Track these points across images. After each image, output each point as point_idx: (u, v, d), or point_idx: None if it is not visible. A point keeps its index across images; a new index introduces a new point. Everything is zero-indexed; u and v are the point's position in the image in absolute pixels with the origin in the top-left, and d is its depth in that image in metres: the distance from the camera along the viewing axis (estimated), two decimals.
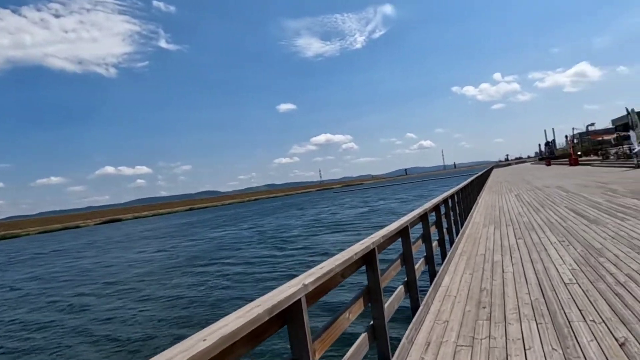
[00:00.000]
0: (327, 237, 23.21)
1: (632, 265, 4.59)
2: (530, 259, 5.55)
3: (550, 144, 67.64)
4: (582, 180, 18.40)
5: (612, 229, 6.78)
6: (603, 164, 29.94)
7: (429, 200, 6.33)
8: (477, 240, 7.59)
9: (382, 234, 3.04)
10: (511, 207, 12.23)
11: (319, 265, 2.16)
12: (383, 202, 50.48)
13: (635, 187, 12.59)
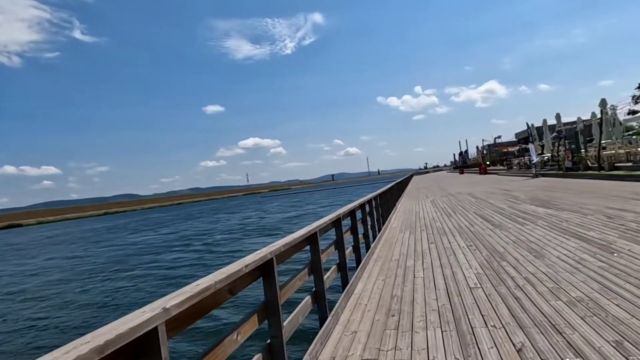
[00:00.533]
0: (253, 241, 22.62)
1: (529, 269, 4.82)
2: (440, 264, 5.66)
3: (464, 154, 72.93)
4: (489, 188, 19.85)
5: (514, 233, 7.21)
6: (508, 173, 32.78)
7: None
8: (392, 245, 7.67)
9: (284, 242, 2.78)
10: (427, 212, 12.72)
11: (195, 282, 1.83)
12: (311, 207, 50.77)
13: (534, 194, 13.78)
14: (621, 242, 5.52)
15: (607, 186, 13.42)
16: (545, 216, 8.64)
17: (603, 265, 4.56)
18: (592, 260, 4.83)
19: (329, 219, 4.29)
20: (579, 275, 4.30)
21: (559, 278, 4.30)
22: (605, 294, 3.67)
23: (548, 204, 10.51)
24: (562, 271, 4.53)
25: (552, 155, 25.71)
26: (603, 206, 8.94)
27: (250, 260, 2.24)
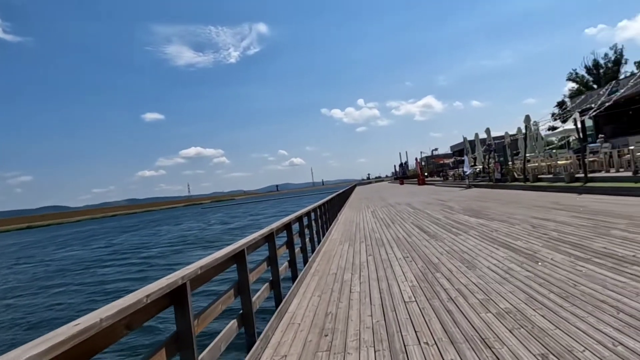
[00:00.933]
0: (194, 253, 21.61)
1: (461, 280, 4.87)
2: (377, 277, 5.59)
3: (404, 165, 75.57)
4: (427, 198, 20.55)
5: (448, 243, 7.37)
6: (444, 184, 34.30)
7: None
8: (331, 258, 7.55)
9: (201, 264, 2.50)
10: (367, 223, 12.82)
11: (75, 321, 1.51)
12: (255, 218, 49.84)
13: (467, 204, 14.39)
14: (545, 251, 5.78)
15: (532, 196, 14.33)
16: (477, 226, 8.97)
17: (529, 274, 4.71)
18: (519, 269, 4.98)
19: (259, 235, 4.04)
20: (507, 286, 4.39)
21: (489, 289, 4.36)
22: (531, 304, 3.75)
23: (480, 214, 10.97)
24: (492, 282, 4.62)
25: (484, 167, 27.24)
26: (528, 216, 9.45)
27: (155, 288, 1.95)
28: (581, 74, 49.98)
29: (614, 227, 6.85)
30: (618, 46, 47.58)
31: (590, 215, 8.28)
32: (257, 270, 3.96)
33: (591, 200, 10.76)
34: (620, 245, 5.49)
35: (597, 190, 12.30)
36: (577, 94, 42.91)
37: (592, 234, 6.52)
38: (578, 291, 3.93)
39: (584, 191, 12.93)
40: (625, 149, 14.22)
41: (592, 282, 4.14)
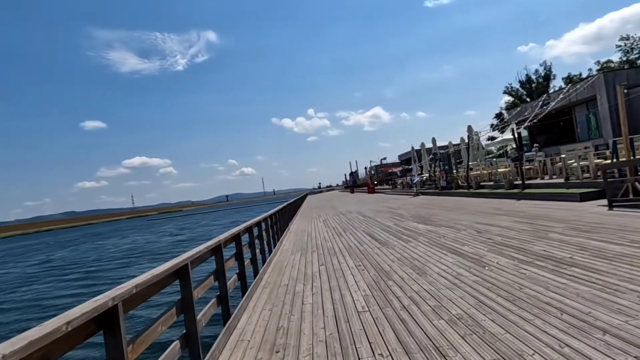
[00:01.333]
0: (141, 267, 20.41)
1: (413, 287, 4.88)
2: (330, 287, 5.48)
3: (354, 174, 76.74)
4: (377, 206, 20.87)
5: (399, 250, 7.43)
6: (393, 192, 35.13)
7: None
8: (283, 268, 7.35)
9: (136, 282, 2.25)
10: (319, 232, 12.73)
11: None
12: (204, 229, 48.28)
13: (416, 212, 14.75)
14: (490, 255, 5.95)
15: (475, 203, 14.95)
16: (426, 232, 9.15)
17: (477, 279, 4.80)
18: (468, 274, 5.07)
19: (205, 247, 3.79)
20: (457, 291, 4.43)
21: (440, 295, 4.39)
22: (481, 309, 3.79)
23: (428, 221, 11.25)
24: (442, 288, 4.65)
25: (430, 175, 28.23)
26: (473, 221, 9.80)
27: (78, 313, 1.69)
28: (516, 88, 53.53)
29: (552, 230, 7.23)
30: (547, 63, 51.56)
31: (530, 220, 8.71)
32: (203, 285, 3.71)
33: (529, 206, 11.37)
34: (558, 248, 5.77)
35: (534, 196, 13.05)
36: (513, 106, 45.86)
37: (532, 237, 6.83)
38: (524, 294, 4.03)
39: (522, 197, 13.68)
40: (557, 157, 15.25)
41: (536, 284, 4.28)
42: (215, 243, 4.12)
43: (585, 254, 5.26)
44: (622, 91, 9.64)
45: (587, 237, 6.22)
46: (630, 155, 9.87)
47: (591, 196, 10.75)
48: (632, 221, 7.11)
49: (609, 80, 16.20)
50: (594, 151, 12.47)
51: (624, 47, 40.73)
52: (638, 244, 5.36)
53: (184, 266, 3.08)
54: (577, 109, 19.24)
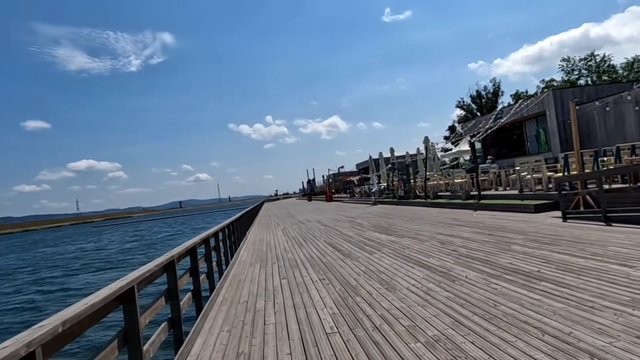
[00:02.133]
0: (77, 279, 18.91)
1: (383, 304, 4.60)
2: (294, 304, 5.10)
3: (312, 182, 76.62)
4: (335, 215, 20.69)
5: (364, 262, 7.17)
6: (351, 201, 35.23)
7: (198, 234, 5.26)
8: (241, 283, 6.87)
9: (64, 318, 1.77)
10: (278, 242, 12.29)
11: None
12: (151, 236, 46.10)
13: (375, 221, 14.66)
14: (458, 268, 5.82)
15: (433, 213, 15.11)
16: (389, 243, 8.98)
17: (449, 295, 4.60)
18: (438, 289, 4.87)
19: (155, 265, 3.31)
20: (430, 309, 4.20)
21: (413, 313, 4.13)
22: (458, 329, 3.56)
23: (389, 231, 11.13)
24: (414, 305, 4.41)
25: (388, 184, 28.52)
26: (435, 232, 9.77)
27: None
28: (467, 102, 55.78)
29: (513, 242, 7.26)
30: (496, 80, 54.20)
31: (490, 231, 8.77)
32: (153, 308, 3.22)
33: (487, 217, 11.56)
34: (524, 261, 5.73)
35: (490, 207, 13.34)
36: (465, 119, 47.73)
37: (496, 249, 6.80)
38: (500, 312, 3.86)
39: (478, 208, 13.95)
40: (511, 169, 15.76)
41: (510, 301, 4.13)
42: (167, 259, 3.63)
43: (551, 267, 5.23)
44: (574, 107, 10.03)
45: (549, 250, 6.25)
46: (581, 169, 10.25)
47: (544, 208, 11.08)
48: (587, 233, 7.27)
49: (557, 97, 17.07)
50: (546, 164, 12.94)
51: (565, 67, 43.59)
52: (600, 257, 5.41)
53: (129, 290, 2.61)
54: (527, 123, 20.15)
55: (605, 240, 6.46)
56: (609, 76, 39.49)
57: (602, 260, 5.27)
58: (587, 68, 42.06)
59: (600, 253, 5.66)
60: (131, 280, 2.64)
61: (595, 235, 6.96)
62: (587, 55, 42.60)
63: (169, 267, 3.74)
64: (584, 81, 41.59)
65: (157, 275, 3.45)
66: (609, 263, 5.08)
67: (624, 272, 4.60)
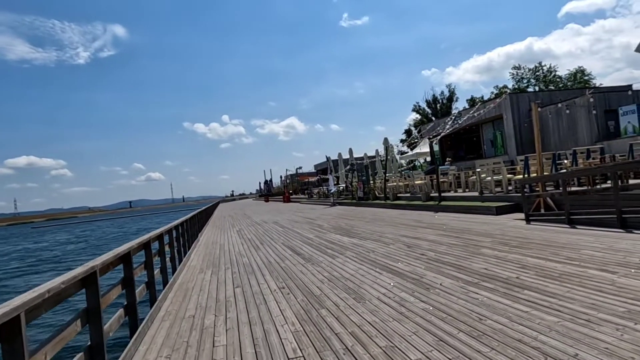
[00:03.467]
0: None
1: (353, 318, 4.01)
2: (249, 319, 4.39)
3: (269, 183, 75.37)
4: (294, 216, 20.02)
5: (327, 268, 6.57)
6: (309, 202, 34.67)
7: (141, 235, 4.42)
8: (189, 292, 6.05)
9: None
10: (232, 244, 11.46)
11: None
12: (96, 237, 43.28)
13: (335, 222, 14.14)
14: (430, 274, 5.35)
15: (394, 214, 14.82)
16: (351, 246, 8.45)
17: (426, 307, 4.08)
18: (413, 300, 4.35)
19: (72, 276, 2.51)
20: (407, 324, 3.65)
21: (388, 330, 3.56)
22: (445, 351, 3.03)
23: (351, 233, 10.63)
24: (388, 319, 3.85)
25: (347, 185, 28.22)
26: (398, 234, 9.36)
27: None
28: (423, 107, 56.98)
29: (482, 245, 6.94)
30: (451, 86, 55.80)
31: (455, 234, 8.45)
32: (61, 337, 2.41)
33: (449, 219, 11.34)
34: (498, 266, 5.36)
35: (451, 209, 13.21)
36: (420, 123, 48.62)
37: (466, 253, 6.42)
38: (487, 327, 3.37)
39: (439, 209, 13.80)
40: (470, 171, 15.79)
41: (496, 313, 3.66)
42: (85, 271, 2.82)
43: (530, 273, 4.86)
44: (536, 108, 10.00)
45: (520, 254, 5.94)
46: (542, 171, 10.24)
47: (506, 210, 11.02)
48: (555, 236, 7.08)
49: (514, 101, 17.42)
50: (505, 166, 12.98)
51: (516, 76, 45.51)
52: (576, 262, 5.13)
53: (13, 320, 1.82)
54: (484, 126, 20.49)
55: (576, 244, 6.25)
56: (555, 86, 41.61)
57: (580, 265, 4.97)
58: (536, 77, 44.13)
59: (575, 257, 5.39)
60: (15, 306, 1.86)
61: (564, 238, 6.76)
62: (535, 65, 44.75)
63: (89, 281, 2.93)
64: (532, 89, 43.59)
65: (72, 291, 2.64)
66: (588, 268, 4.78)
67: (608, 279, 4.29)
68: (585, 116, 14.95)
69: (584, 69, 42.30)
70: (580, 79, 41.70)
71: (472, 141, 23.28)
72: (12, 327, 1.85)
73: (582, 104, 14.94)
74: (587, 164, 10.55)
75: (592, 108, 14.15)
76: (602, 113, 14.83)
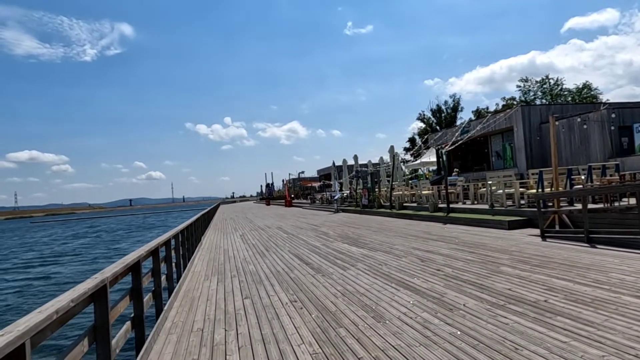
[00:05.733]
0: None
1: (374, 340, 3.74)
2: (262, 337, 4.12)
3: (270, 186, 75.17)
4: (297, 222, 19.75)
5: (338, 281, 6.30)
6: (311, 207, 34.40)
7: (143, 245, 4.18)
8: (195, 301, 5.79)
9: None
10: (237, 250, 11.19)
11: None
12: (98, 235, 43.03)
13: (341, 230, 13.87)
14: (451, 293, 5.08)
15: (400, 224, 14.54)
16: (362, 258, 8.18)
17: (452, 330, 3.82)
18: (437, 322, 4.09)
19: (79, 294, 2.26)
20: (436, 351, 3.39)
21: (416, 357, 3.29)
22: None
23: (358, 243, 10.36)
24: (414, 343, 3.58)
25: (351, 192, 27.96)
26: (409, 247, 9.09)
27: None
28: (427, 116, 56.82)
29: (500, 262, 6.67)
30: (456, 96, 55.67)
31: (470, 248, 8.19)
32: (75, 352, 2.16)
33: (459, 231, 11.06)
34: (523, 287, 5.10)
35: (460, 221, 12.93)
36: (425, 132, 48.45)
37: (485, 270, 6.16)
38: (525, 359, 3.11)
39: (447, 221, 13.53)
40: (480, 183, 15.53)
41: (532, 342, 3.39)
42: (93, 287, 2.57)
43: (558, 296, 4.60)
44: (554, 122, 9.75)
45: (545, 274, 5.67)
46: (558, 186, 9.98)
47: (518, 224, 10.74)
48: (576, 255, 6.81)
49: (525, 113, 17.18)
50: (518, 180, 12.72)
51: (523, 87, 45.33)
52: (607, 286, 4.86)
53: (17, 350, 1.57)
54: (493, 138, 20.23)
55: (602, 265, 5.98)
56: (563, 100, 41.40)
57: (611, 290, 4.71)
58: (542, 90, 43.95)
59: (603, 280, 5.13)
60: (23, 331, 1.61)
61: (587, 259, 6.49)
62: (542, 78, 44.58)
63: (98, 296, 2.67)
64: (538, 102, 43.41)
65: (78, 309, 2.39)
66: (622, 294, 4.51)
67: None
68: (599, 131, 14.72)
69: (590, 83, 42.18)
70: (586, 94, 41.52)
71: (479, 152, 23.02)
72: (16, 356, 1.60)
73: (596, 119, 14.71)
74: (605, 181, 10.29)
75: (611, 124, 13.91)
76: (615, 129, 14.59)
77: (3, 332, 1.60)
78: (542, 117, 16.89)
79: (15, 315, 11.64)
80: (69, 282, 16.74)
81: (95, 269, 17.56)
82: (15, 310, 13.13)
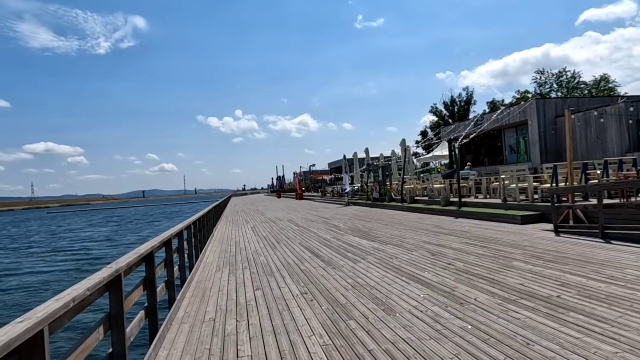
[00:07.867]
0: None
1: (384, 333, 3.75)
2: (273, 327, 4.17)
3: (281, 179, 75.38)
4: (308, 214, 19.80)
5: (349, 274, 6.31)
6: (322, 200, 34.42)
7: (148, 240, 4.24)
8: (206, 292, 5.86)
9: None
10: (248, 241, 11.28)
11: None
12: (105, 227, 43.74)
13: (352, 223, 13.87)
14: (462, 287, 5.06)
15: (411, 218, 14.48)
16: (372, 251, 8.18)
17: (463, 324, 3.81)
18: (448, 316, 4.08)
19: (95, 283, 2.31)
20: (447, 345, 3.38)
21: (427, 351, 3.30)
22: None
23: (369, 236, 10.36)
24: (424, 337, 3.59)
25: (362, 185, 27.90)
26: (420, 240, 9.06)
27: None
28: (440, 109, 56.21)
29: (512, 257, 6.61)
30: (469, 89, 54.95)
31: (481, 243, 8.12)
32: (83, 347, 2.21)
33: (471, 225, 10.99)
34: (535, 282, 5.05)
35: (472, 215, 12.82)
36: (437, 125, 47.98)
37: (497, 265, 6.11)
38: (537, 354, 3.09)
39: (459, 215, 13.42)
40: (493, 177, 15.37)
41: (544, 338, 3.37)
42: (108, 276, 2.62)
43: (571, 292, 4.55)
44: (569, 116, 9.57)
45: (557, 269, 5.61)
46: (572, 180, 9.82)
47: (531, 219, 10.62)
48: (590, 251, 6.72)
49: (540, 106, 16.88)
50: (532, 174, 12.55)
51: (539, 79, 44.51)
52: (622, 282, 4.79)
53: (34, 339, 1.61)
54: (506, 132, 19.95)
55: (616, 261, 5.89)
56: (580, 92, 40.58)
57: (627, 286, 4.64)
58: (559, 83, 43.12)
59: (618, 277, 5.05)
60: (47, 315, 1.65)
61: (602, 255, 6.40)
62: (560, 70, 43.72)
63: (113, 285, 2.73)
64: (554, 95, 42.63)
65: (92, 299, 2.44)
66: (637, 291, 4.44)
67: None
68: (616, 125, 14.41)
69: (608, 76, 41.20)
70: (604, 86, 40.62)
71: (492, 146, 22.74)
72: (34, 342, 1.64)
73: (613, 113, 14.40)
74: (622, 176, 10.09)
75: (629, 117, 13.60)
76: (633, 123, 14.26)
77: (22, 318, 1.65)
78: (557, 111, 16.58)
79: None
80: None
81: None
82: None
